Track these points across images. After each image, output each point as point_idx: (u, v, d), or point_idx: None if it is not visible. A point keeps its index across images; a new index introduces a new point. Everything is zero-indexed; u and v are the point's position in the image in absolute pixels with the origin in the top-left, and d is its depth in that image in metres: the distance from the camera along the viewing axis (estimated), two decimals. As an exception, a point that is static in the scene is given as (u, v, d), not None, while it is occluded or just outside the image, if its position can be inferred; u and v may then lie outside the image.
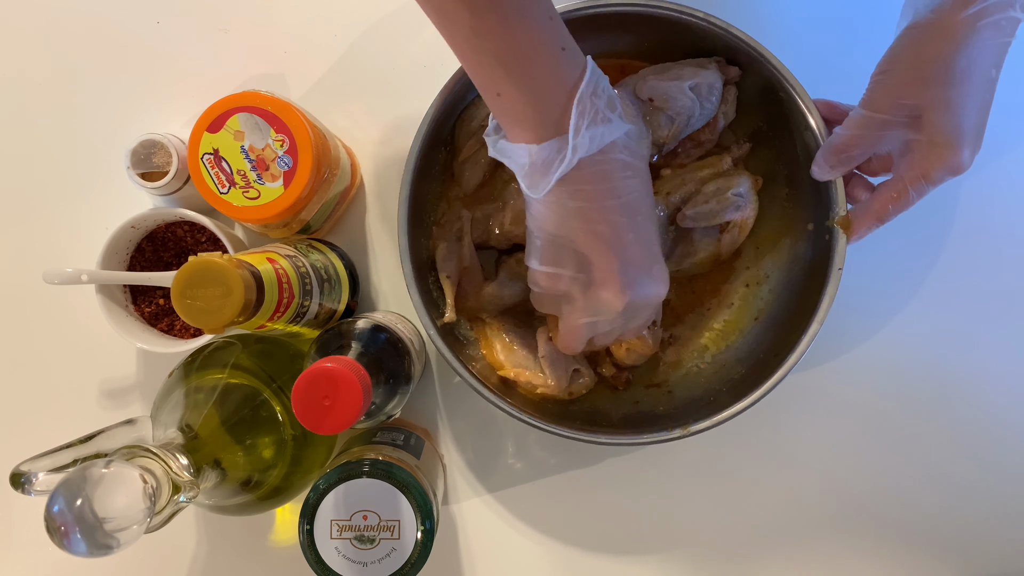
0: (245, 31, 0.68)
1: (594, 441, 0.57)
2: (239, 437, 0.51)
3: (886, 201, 0.53)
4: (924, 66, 0.48)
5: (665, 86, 0.58)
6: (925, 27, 0.48)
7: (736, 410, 0.56)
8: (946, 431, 0.67)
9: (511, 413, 0.56)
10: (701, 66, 0.60)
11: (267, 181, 0.54)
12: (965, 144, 0.49)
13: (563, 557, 0.67)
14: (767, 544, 0.67)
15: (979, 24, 0.46)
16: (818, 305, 0.56)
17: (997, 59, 0.48)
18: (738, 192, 0.60)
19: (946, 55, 0.47)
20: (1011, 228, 0.68)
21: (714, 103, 0.60)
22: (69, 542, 0.38)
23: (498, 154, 0.49)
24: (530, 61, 0.44)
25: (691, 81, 0.58)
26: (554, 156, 0.45)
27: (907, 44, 0.49)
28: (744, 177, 0.61)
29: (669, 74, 0.59)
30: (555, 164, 0.45)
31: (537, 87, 0.44)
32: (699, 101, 0.59)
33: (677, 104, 0.59)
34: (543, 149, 0.45)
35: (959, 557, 0.67)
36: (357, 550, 0.51)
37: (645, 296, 0.51)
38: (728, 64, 0.60)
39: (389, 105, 0.67)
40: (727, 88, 0.61)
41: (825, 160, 0.55)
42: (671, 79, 0.59)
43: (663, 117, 0.59)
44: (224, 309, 0.43)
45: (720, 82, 0.60)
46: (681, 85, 0.58)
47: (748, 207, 0.61)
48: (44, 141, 0.68)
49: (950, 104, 0.48)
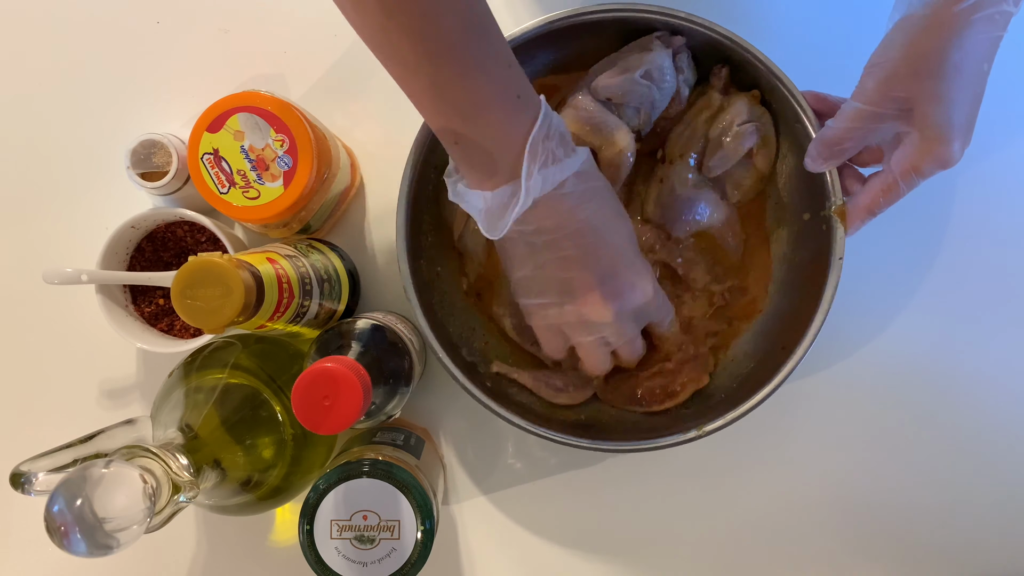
0: (245, 31, 0.68)
1: (596, 448, 0.57)
2: (239, 437, 0.51)
3: (876, 194, 0.54)
4: (917, 59, 0.48)
5: (617, 82, 0.58)
6: (919, 20, 0.48)
7: (750, 405, 0.56)
8: (946, 433, 0.67)
9: (509, 420, 0.56)
10: (644, 48, 0.58)
11: (267, 181, 0.54)
12: (955, 137, 0.49)
13: (563, 557, 0.66)
14: (767, 546, 0.67)
15: (973, 18, 0.46)
16: (821, 296, 0.56)
17: (989, 53, 0.48)
18: (742, 120, 0.59)
19: (939, 48, 0.47)
20: (1008, 228, 0.68)
21: (670, 80, 0.59)
22: (69, 542, 0.38)
23: (456, 198, 0.51)
24: (487, 111, 0.45)
25: (640, 70, 0.57)
26: (508, 200, 0.47)
27: (900, 37, 0.49)
28: (740, 102, 0.60)
29: (616, 68, 0.58)
30: (510, 207, 0.47)
31: (493, 135, 0.46)
32: (654, 85, 0.58)
33: (636, 96, 0.58)
34: (497, 195, 0.47)
35: (959, 558, 0.67)
36: (357, 550, 0.51)
37: (633, 298, 0.53)
38: (671, 35, 0.59)
39: (389, 105, 0.67)
40: (678, 57, 0.60)
41: (818, 152, 0.55)
42: (620, 73, 0.58)
43: (628, 110, 0.59)
44: (224, 309, 0.43)
45: (669, 59, 0.58)
46: (632, 77, 0.57)
47: (760, 125, 0.60)
48: (44, 141, 0.67)
49: (941, 97, 0.48)
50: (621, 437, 0.58)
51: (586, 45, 0.60)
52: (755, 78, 0.59)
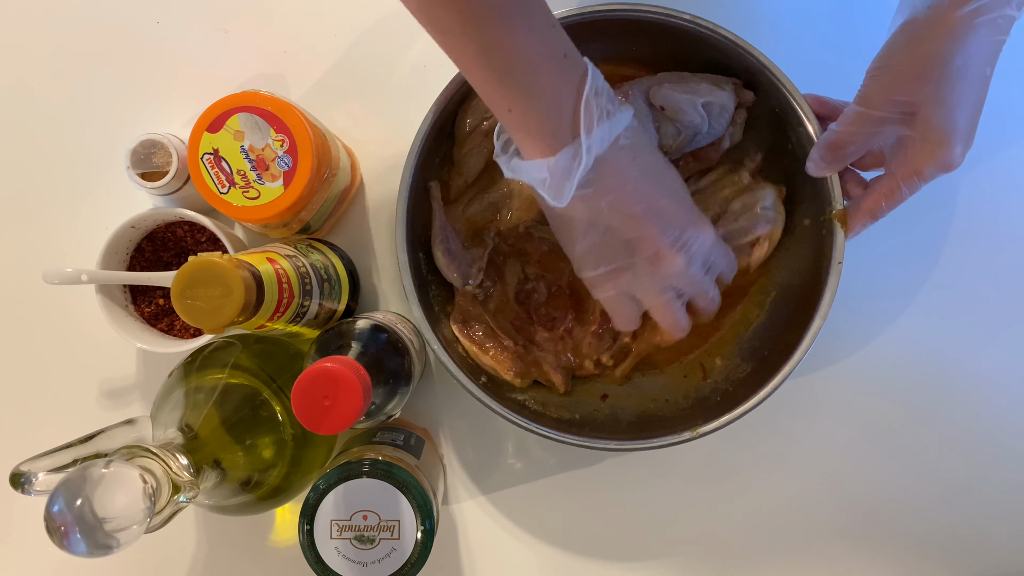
0: (245, 31, 0.68)
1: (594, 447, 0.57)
2: (239, 437, 0.51)
3: (879, 198, 0.54)
4: (920, 63, 0.48)
5: (678, 97, 0.58)
6: (922, 24, 0.48)
7: (745, 408, 0.56)
8: (946, 433, 0.67)
9: (510, 419, 0.56)
10: (717, 85, 0.60)
11: (267, 181, 0.54)
12: (957, 141, 0.49)
13: (562, 557, 0.66)
14: (767, 546, 0.67)
15: (976, 22, 0.46)
16: (820, 301, 0.56)
17: (992, 57, 0.48)
18: (765, 206, 0.60)
19: (942, 52, 0.47)
20: (1010, 229, 0.68)
21: (723, 124, 0.60)
22: (69, 542, 0.38)
23: (513, 173, 0.50)
24: (537, 73, 0.45)
25: (704, 99, 0.59)
26: (570, 162, 0.46)
27: (903, 41, 0.49)
28: (768, 190, 0.61)
29: (685, 86, 0.59)
30: (573, 169, 0.47)
31: (547, 97, 0.45)
32: (708, 120, 0.60)
33: (686, 118, 0.59)
34: (560, 159, 0.46)
35: (959, 558, 0.67)
36: (357, 550, 0.51)
37: (699, 244, 0.52)
38: (744, 88, 0.61)
39: (389, 105, 0.67)
40: (738, 111, 0.61)
41: (821, 157, 0.55)
42: (686, 92, 0.59)
43: (671, 127, 0.60)
44: (224, 309, 0.43)
45: (732, 104, 0.60)
46: (694, 100, 0.58)
47: (777, 219, 0.61)
48: (44, 141, 0.68)
49: (944, 101, 0.48)
50: (619, 436, 0.58)
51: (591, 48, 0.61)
52: (757, 80, 0.59)
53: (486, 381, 0.61)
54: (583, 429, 0.59)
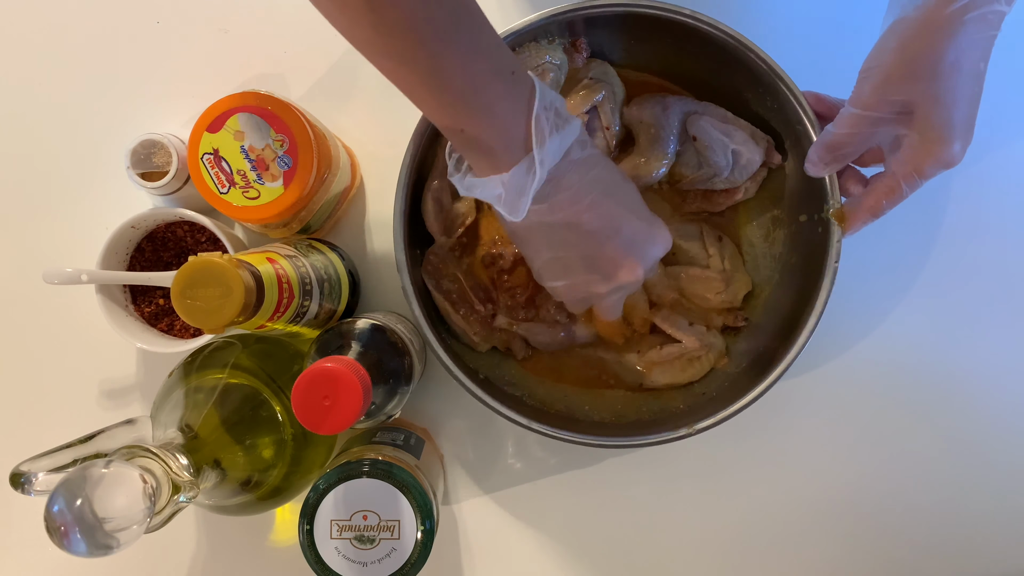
0: (245, 31, 0.68)
1: (592, 443, 0.57)
2: (239, 437, 0.51)
3: (879, 196, 0.54)
4: (912, 62, 0.48)
5: (713, 134, 0.60)
6: (911, 22, 0.48)
7: (739, 406, 0.56)
8: (943, 431, 0.67)
9: (509, 417, 0.57)
10: (753, 137, 0.61)
11: (267, 181, 0.54)
12: (956, 137, 0.49)
13: (562, 557, 0.67)
14: (766, 545, 0.67)
15: (965, 18, 0.46)
16: (815, 299, 0.56)
17: (984, 52, 0.48)
18: (702, 344, 0.62)
19: (934, 50, 0.47)
20: (1002, 225, 0.68)
21: (742, 176, 0.61)
22: (69, 542, 0.38)
23: (468, 192, 0.50)
24: (488, 92, 0.45)
25: (737, 146, 0.60)
26: (524, 177, 0.47)
27: (894, 40, 0.49)
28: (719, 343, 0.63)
29: (723, 126, 0.60)
30: (528, 184, 0.47)
31: (497, 115, 0.46)
32: (731, 167, 0.60)
33: (713, 156, 0.60)
34: (513, 175, 0.47)
35: (957, 556, 0.67)
36: (357, 550, 0.51)
37: (656, 257, 0.54)
38: (776, 150, 0.62)
39: (389, 105, 0.67)
40: (760, 168, 0.62)
41: (819, 157, 0.55)
42: (722, 131, 0.60)
43: (695, 158, 0.61)
44: (224, 309, 0.43)
45: (759, 160, 0.61)
46: (727, 143, 0.60)
47: (713, 349, 0.63)
48: (44, 141, 0.68)
49: (940, 98, 0.48)
50: (617, 433, 0.58)
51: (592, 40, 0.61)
52: (757, 76, 0.59)
53: (484, 378, 0.61)
54: (581, 427, 0.59)
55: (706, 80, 0.62)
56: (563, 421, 0.60)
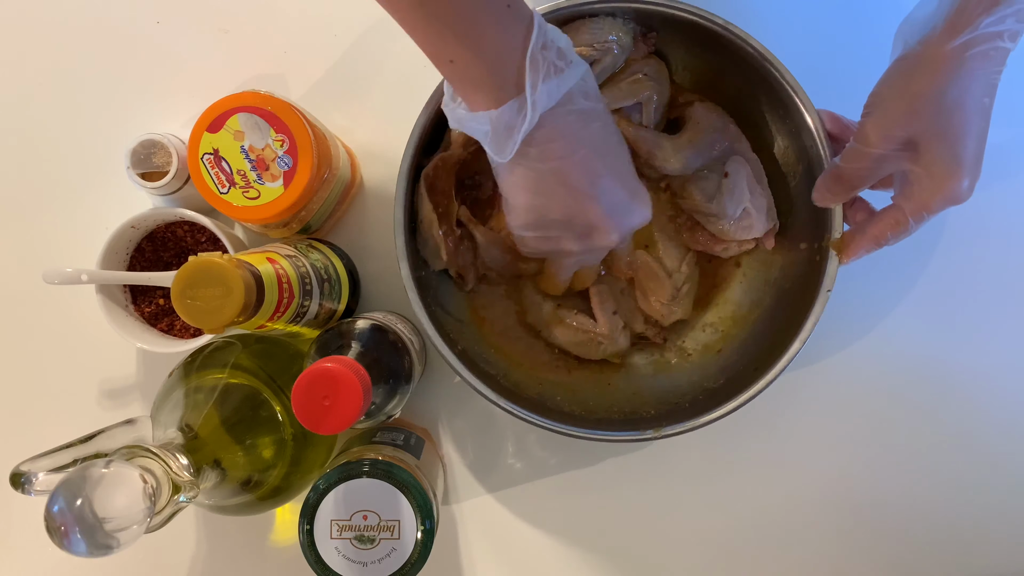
0: (245, 31, 0.68)
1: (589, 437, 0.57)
2: (239, 437, 0.51)
3: (885, 228, 0.53)
4: (914, 98, 0.48)
5: (741, 184, 0.61)
6: (913, 59, 0.48)
7: (709, 419, 0.56)
8: (941, 430, 0.67)
9: (511, 411, 0.56)
10: (769, 211, 0.62)
11: (267, 181, 0.54)
12: (965, 174, 0.48)
13: (562, 557, 0.67)
14: (766, 544, 0.67)
15: (967, 55, 0.46)
16: (802, 324, 0.56)
17: (989, 88, 0.47)
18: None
19: (936, 86, 0.47)
20: (1003, 227, 0.68)
21: (736, 234, 0.62)
22: (69, 542, 0.38)
23: (458, 124, 0.48)
24: (479, 23, 0.43)
25: (751, 207, 0.61)
26: (515, 117, 0.45)
27: (895, 76, 0.49)
28: None
29: (754, 184, 0.62)
30: (517, 125, 0.45)
31: (489, 49, 0.44)
32: (734, 221, 0.61)
33: (727, 200, 0.61)
34: (503, 113, 0.45)
35: (957, 556, 0.67)
36: (357, 550, 0.51)
37: (633, 226, 0.53)
38: (777, 237, 0.63)
39: (389, 105, 0.67)
40: (753, 240, 0.63)
41: (827, 189, 0.55)
42: (749, 187, 0.61)
43: (713, 189, 0.62)
44: (224, 309, 0.43)
45: (760, 232, 0.62)
46: (742, 200, 0.61)
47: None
48: (44, 141, 0.68)
49: (945, 134, 0.48)
50: (616, 428, 0.58)
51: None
52: (771, 88, 0.58)
53: (462, 350, 0.60)
54: (583, 423, 0.59)
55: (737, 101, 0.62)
56: (534, 406, 0.59)
